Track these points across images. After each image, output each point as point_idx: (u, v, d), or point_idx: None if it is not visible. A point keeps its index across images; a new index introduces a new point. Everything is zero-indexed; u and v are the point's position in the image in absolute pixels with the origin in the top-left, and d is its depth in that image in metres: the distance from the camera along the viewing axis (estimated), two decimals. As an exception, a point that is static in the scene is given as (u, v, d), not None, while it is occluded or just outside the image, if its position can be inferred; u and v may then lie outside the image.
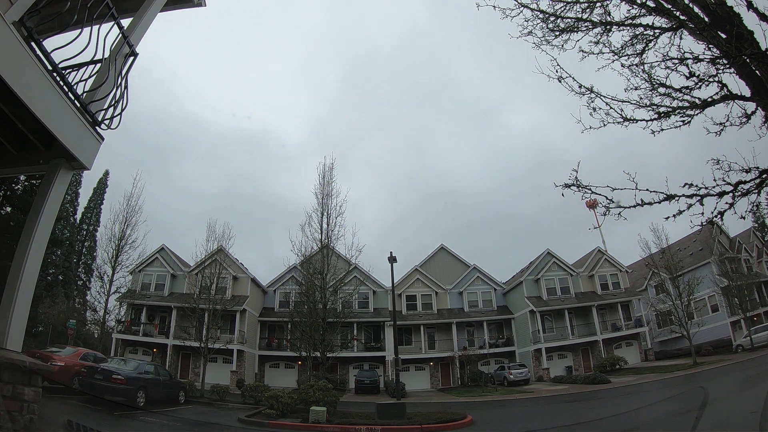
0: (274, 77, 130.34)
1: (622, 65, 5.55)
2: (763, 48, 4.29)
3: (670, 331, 30.57)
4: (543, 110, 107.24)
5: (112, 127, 5.67)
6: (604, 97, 5.27)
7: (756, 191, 4.50)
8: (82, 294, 40.48)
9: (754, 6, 4.28)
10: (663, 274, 30.73)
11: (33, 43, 4.52)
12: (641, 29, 5.47)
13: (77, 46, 4.75)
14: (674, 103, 5.12)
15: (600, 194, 4.86)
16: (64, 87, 4.95)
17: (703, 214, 4.52)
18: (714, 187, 4.49)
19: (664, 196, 4.63)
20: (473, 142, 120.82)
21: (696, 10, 4.94)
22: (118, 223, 24.07)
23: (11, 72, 4.11)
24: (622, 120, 5.23)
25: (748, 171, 4.42)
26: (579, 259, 37.48)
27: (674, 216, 4.64)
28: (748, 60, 4.41)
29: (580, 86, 5.37)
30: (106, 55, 5.32)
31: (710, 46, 4.83)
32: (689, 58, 5.00)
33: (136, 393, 13.60)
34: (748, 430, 6.65)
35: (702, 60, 4.92)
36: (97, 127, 5.55)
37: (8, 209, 21.42)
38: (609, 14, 5.65)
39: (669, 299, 28.26)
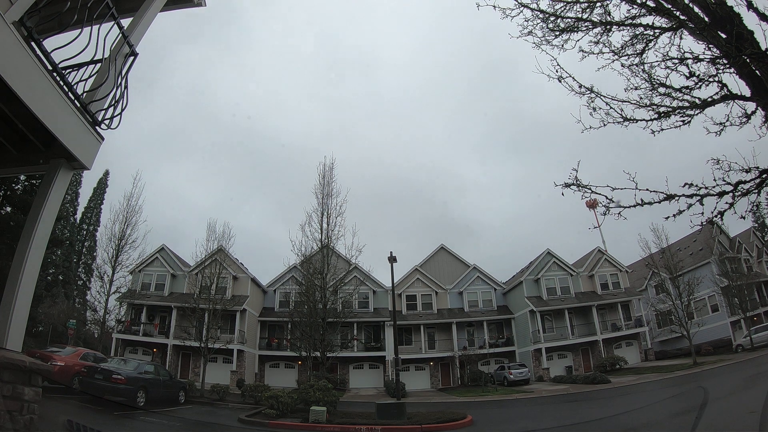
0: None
1: (622, 65, 5.56)
2: (763, 48, 4.29)
3: (670, 331, 30.58)
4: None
5: (112, 127, 5.68)
6: (604, 96, 5.27)
7: (756, 191, 4.49)
8: (82, 294, 40.51)
9: (754, 6, 4.28)
10: (663, 274, 30.76)
11: (33, 43, 4.52)
12: (641, 29, 5.47)
13: (77, 46, 4.75)
14: (674, 103, 5.12)
15: (600, 194, 4.85)
16: (64, 87, 4.95)
17: (703, 214, 4.51)
18: (714, 187, 4.48)
19: (664, 195, 4.62)
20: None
21: (696, 10, 4.94)
22: (118, 223, 24.20)
23: (11, 72, 4.12)
24: (622, 120, 5.23)
25: (748, 171, 4.42)
26: (579, 258, 37.45)
27: (674, 216, 4.64)
28: (748, 60, 4.41)
29: (580, 86, 5.38)
30: (106, 55, 5.32)
31: (710, 46, 4.83)
32: (689, 58, 5.00)
33: (136, 393, 13.60)
34: (748, 430, 6.66)
35: (702, 60, 4.92)
36: (97, 127, 5.55)
37: (8, 209, 21.42)
38: (609, 14, 5.65)
39: (669, 299, 28.29)
